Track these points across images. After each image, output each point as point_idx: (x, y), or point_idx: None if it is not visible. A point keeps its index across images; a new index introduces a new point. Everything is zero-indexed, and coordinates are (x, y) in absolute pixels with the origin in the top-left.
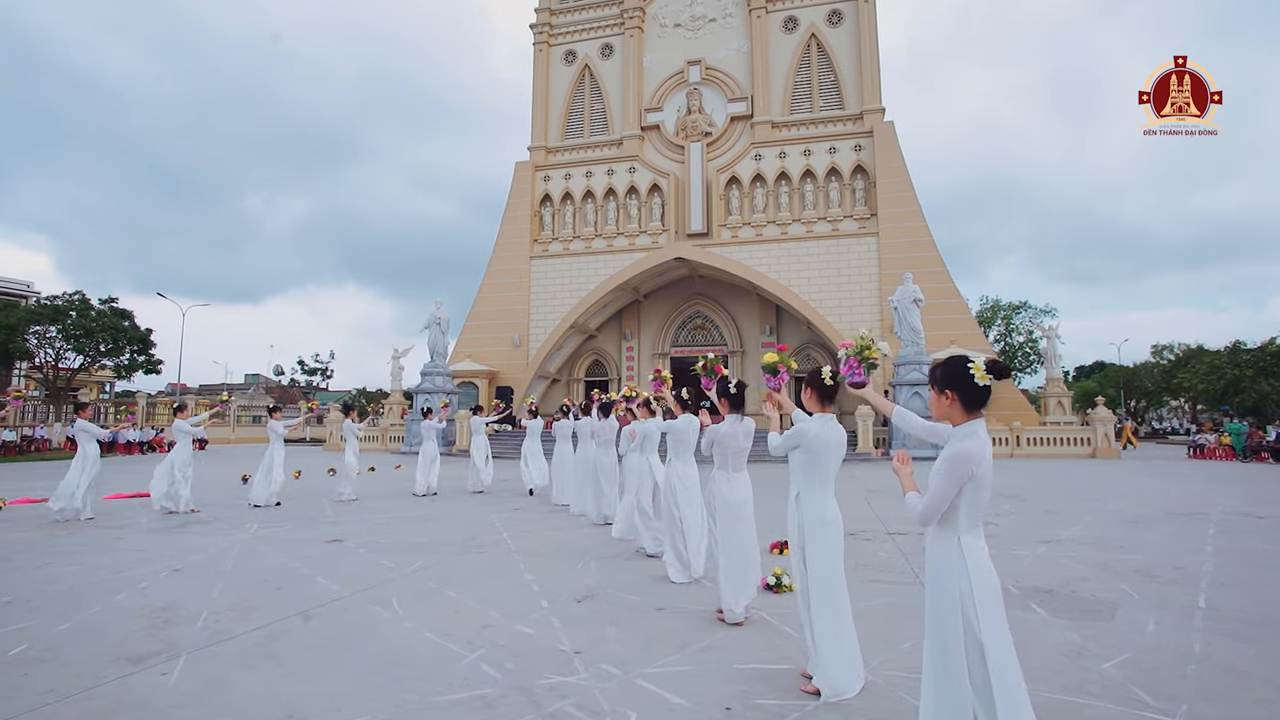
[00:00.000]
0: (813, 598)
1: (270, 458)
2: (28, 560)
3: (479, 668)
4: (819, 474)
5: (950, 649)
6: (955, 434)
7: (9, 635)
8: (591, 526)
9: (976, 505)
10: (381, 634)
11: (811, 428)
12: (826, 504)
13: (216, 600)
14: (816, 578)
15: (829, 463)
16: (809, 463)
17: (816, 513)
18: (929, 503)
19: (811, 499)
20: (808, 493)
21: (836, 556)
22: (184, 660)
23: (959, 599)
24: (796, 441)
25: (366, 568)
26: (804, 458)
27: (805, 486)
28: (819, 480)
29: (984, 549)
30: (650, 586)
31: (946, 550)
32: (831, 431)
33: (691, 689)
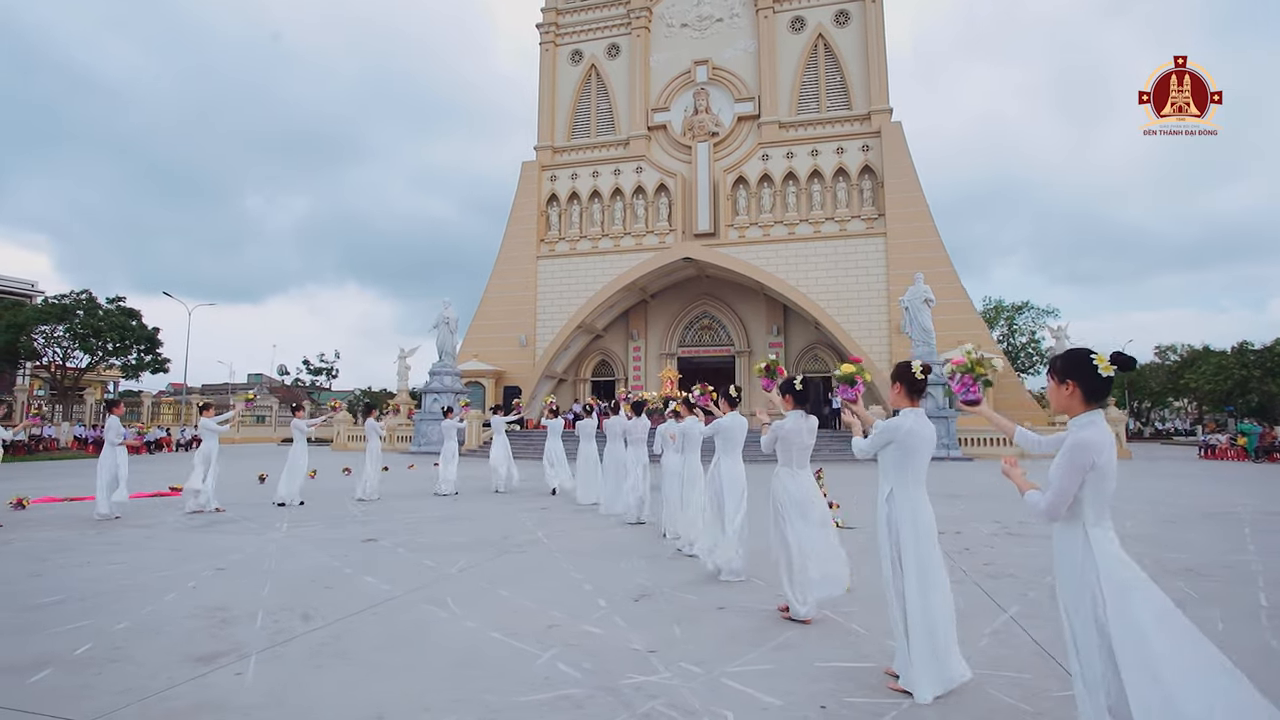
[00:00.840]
0: (910, 598)
1: (294, 456)
2: (67, 559)
3: (556, 667)
4: (912, 470)
5: (1082, 648)
6: (1074, 424)
7: (70, 634)
8: (625, 526)
9: (1101, 496)
10: (446, 634)
11: (905, 423)
12: (921, 501)
13: (269, 600)
14: (914, 578)
15: (922, 458)
16: (902, 459)
17: (911, 511)
18: (1053, 497)
19: (905, 496)
20: (901, 490)
21: (935, 555)
22: (254, 660)
23: (1089, 595)
24: (889, 437)
25: (410, 567)
26: (896, 454)
27: (899, 484)
28: (912, 477)
29: (1113, 541)
30: (703, 585)
31: (1072, 545)
32: (924, 426)
33: (779, 688)
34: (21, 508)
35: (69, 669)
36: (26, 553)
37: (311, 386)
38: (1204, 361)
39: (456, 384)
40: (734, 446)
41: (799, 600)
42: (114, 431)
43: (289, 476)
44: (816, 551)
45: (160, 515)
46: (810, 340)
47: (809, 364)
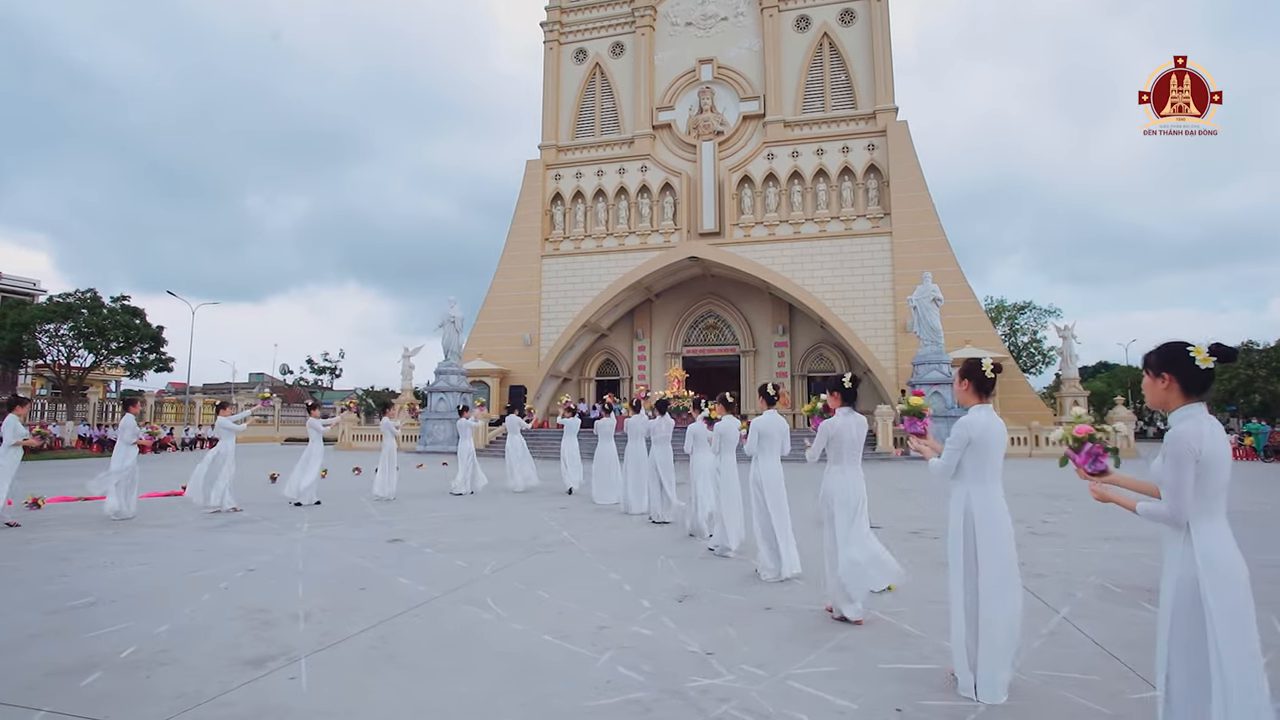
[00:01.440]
0: (985, 598)
1: (309, 454)
2: (90, 560)
3: (616, 670)
4: (990, 468)
5: (1191, 650)
6: (1173, 418)
7: (111, 637)
8: (650, 525)
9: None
10: (495, 636)
11: (978, 419)
12: (996, 498)
13: (306, 601)
14: (991, 577)
15: (997, 454)
16: (977, 457)
17: (987, 508)
18: (1172, 501)
19: (981, 493)
20: (977, 486)
21: (1012, 553)
22: (305, 664)
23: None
24: (967, 436)
25: (441, 568)
26: (970, 453)
27: (975, 482)
28: (989, 473)
29: (1221, 534)
30: (745, 585)
31: (1175, 540)
32: (995, 421)
33: (848, 690)
34: (37, 507)
35: (119, 672)
36: (48, 553)
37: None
38: None
39: (463, 383)
40: (774, 447)
41: (848, 601)
42: (129, 430)
43: (304, 476)
44: (867, 551)
45: (178, 515)
46: (816, 340)
47: (814, 363)
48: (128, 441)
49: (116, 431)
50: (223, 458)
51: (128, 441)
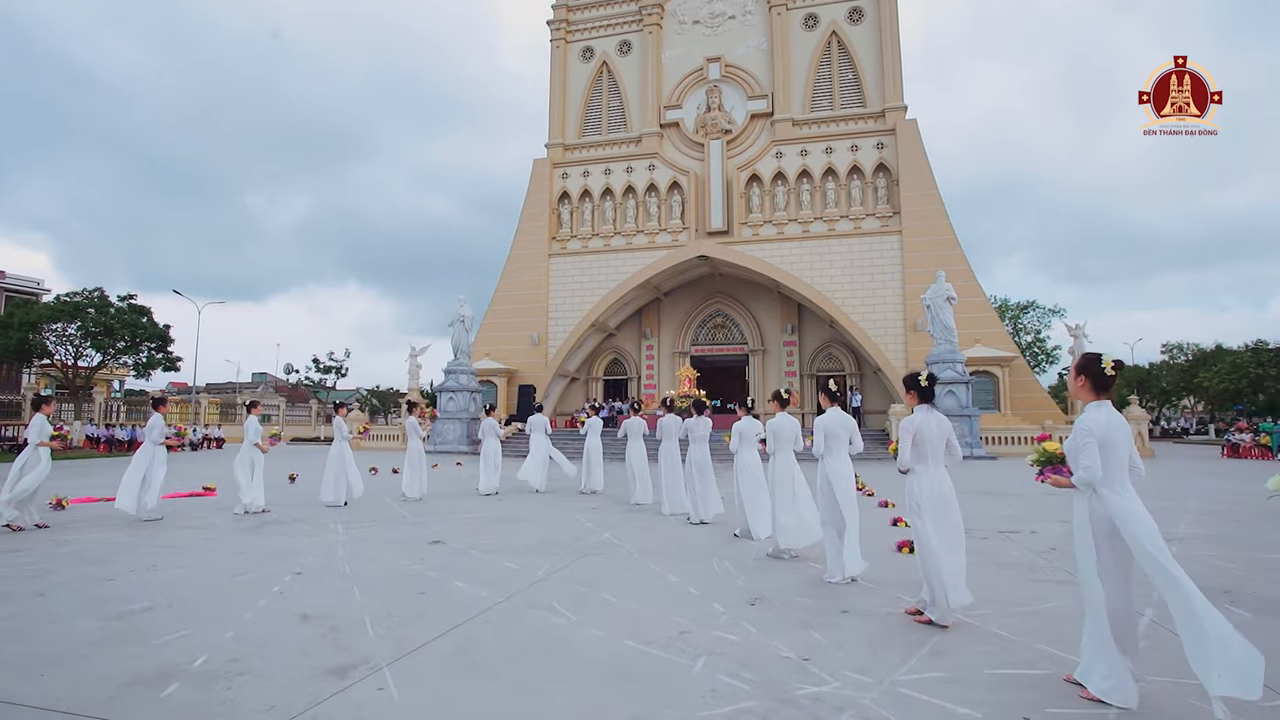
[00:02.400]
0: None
1: (335, 456)
2: (131, 563)
3: (716, 678)
4: (1116, 463)
5: None
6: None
7: (178, 644)
8: (688, 525)
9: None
10: (576, 643)
11: (1099, 416)
12: (1129, 494)
13: (367, 606)
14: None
15: (1123, 449)
16: (1105, 455)
17: (1122, 505)
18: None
19: (1112, 490)
20: (1107, 485)
21: (1162, 544)
22: (388, 673)
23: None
24: (1093, 437)
25: (493, 571)
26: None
27: (1104, 480)
28: (1116, 470)
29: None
30: (812, 588)
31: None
32: (1115, 417)
33: (965, 697)
34: (61, 508)
35: (197, 683)
36: (87, 556)
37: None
38: (1219, 360)
39: (472, 383)
40: (839, 444)
41: (937, 603)
42: (157, 430)
43: (335, 477)
44: (958, 552)
45: (207, 516)
46: (825, 339)
47: (823, 363)
48: (155, 441)
49: (145, 431)
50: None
51: (155, 441)
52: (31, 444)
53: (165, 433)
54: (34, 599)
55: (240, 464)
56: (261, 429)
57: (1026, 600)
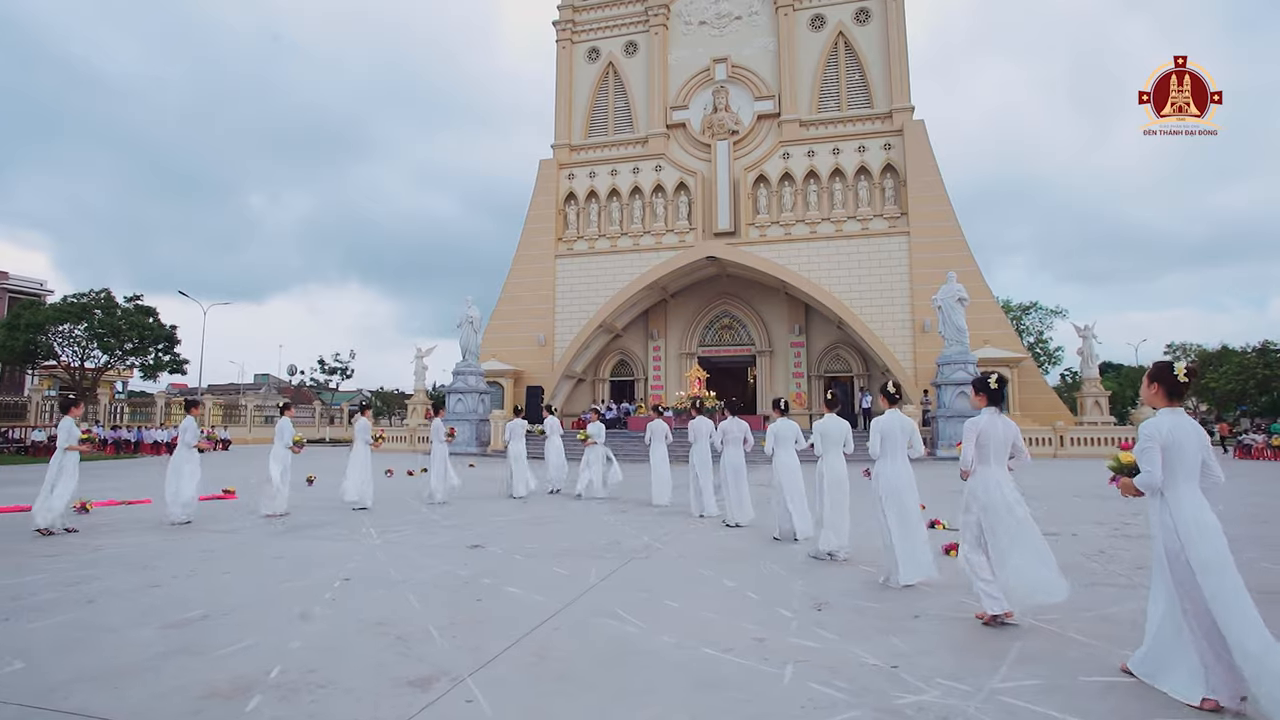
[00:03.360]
0: (1219, 604)
1: (359, 458)
2: (173, 568)
3: (809, 686)
4: (1183, 468)
5: None
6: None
7: (246, 655)
8: (724, 528)
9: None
10: (653, 650)
11: (1163, 423)
12: (1197, 500)
13: (427, 613)
14: (1214, 581)
15: (1190, 455)
16: (1170, 460)
17: (1190, 511)
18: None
19: (1177, 496)
20: (1172, 490)
21: (1227, 553)
22: (472, 684)
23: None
24: (1156, 442)
25: (543, 576)
26: (1162, 456)
27: (1169, 485)
28: (1183, 475)
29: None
30: (871, 592)
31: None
32: (1185, 422)
33: (1071, 705)
34: (85, 511)
35: (280, 696)
36: (127, 561)
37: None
38: (1226, 361)
39: (481, 384)
40: (896, 448)
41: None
42: (191, 433)
43: (359, 479)
44: (1027, 553)
45: (233, 520)
46: (832, 340)
47: (831, 364)
48: (189, 444)
49: (179, 433)
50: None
51: (189, 444)
52: (60, 447)
53: (199, 435)
54: (84, 606)
55: (275, 464)
56: (294, 431)
57: (1096, 605)
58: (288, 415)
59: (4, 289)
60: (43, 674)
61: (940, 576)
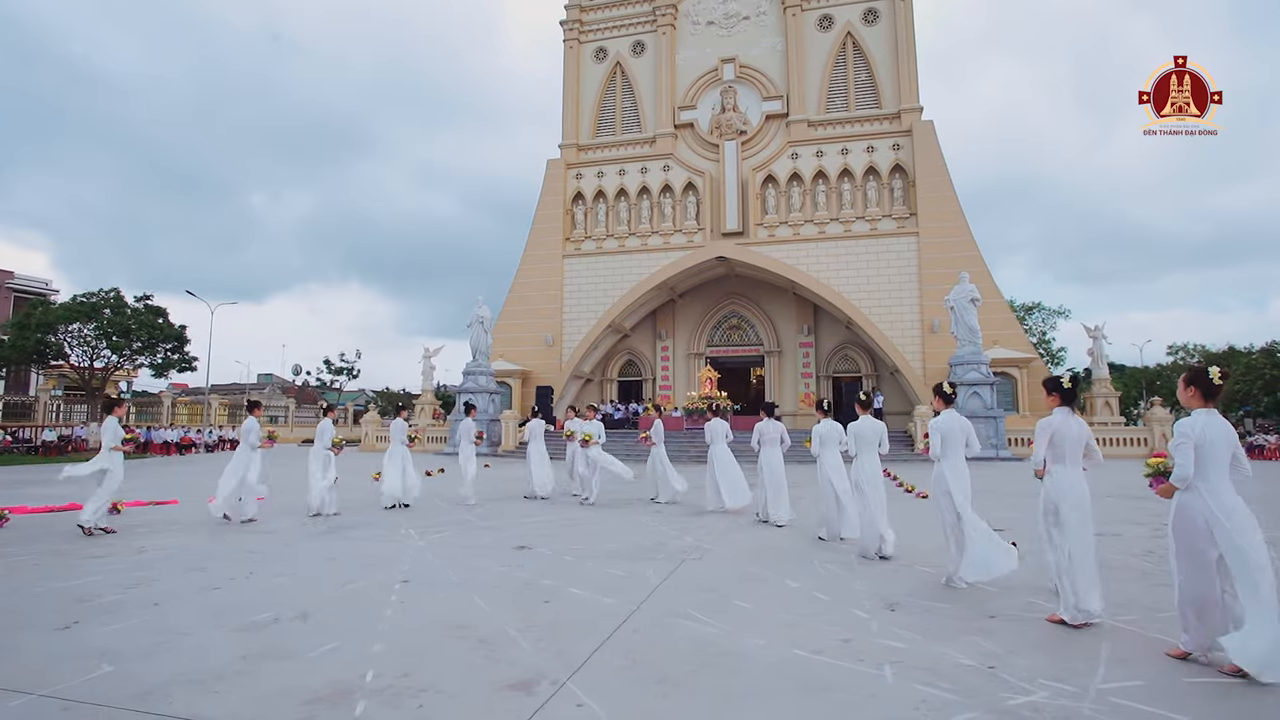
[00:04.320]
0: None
1: (398, 458)
2: (228, 570)
3: (914, 687)
4: (1213, 464)
5: None
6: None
7: (332, 658)
8: (760, 526)
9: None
10: (743, 652)
11: (1197, 421)
12: (1226, 491)
13: (499, 615)
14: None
15: (1222, 450)
16: (1203, 455)
17: (1222, 501)
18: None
19: (1213, 488)
20: (1204, 483)
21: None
22: (574, 686)
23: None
24: (1190, 440)
25: (602, 577)
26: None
27: (1201, 478)
28: (1214, 470)
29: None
30: (939, 591)
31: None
32: (1217, 421)
33: (1188, 707)
34: (117, 512)
35: (384, 702)
36: (176, 562)
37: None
38: (1233, 362)
39: (491, 384)
40: (955, 447)
41: (1090, 602)
42: (254, 434)
43: (397, 480)
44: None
45: (270, 521)
46: (841, 340)
47: (839, 364)
48: (253, 445)
49: (243, 434)
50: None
51: (253, 445)
52: (105, 447)
53: (261, 436)
54: (150, 608)
55: (315, 463)
56: (334, 431)
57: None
58: (329, 416)
59: (9, 288)
60: (134, 677)
61: (1003, 577)
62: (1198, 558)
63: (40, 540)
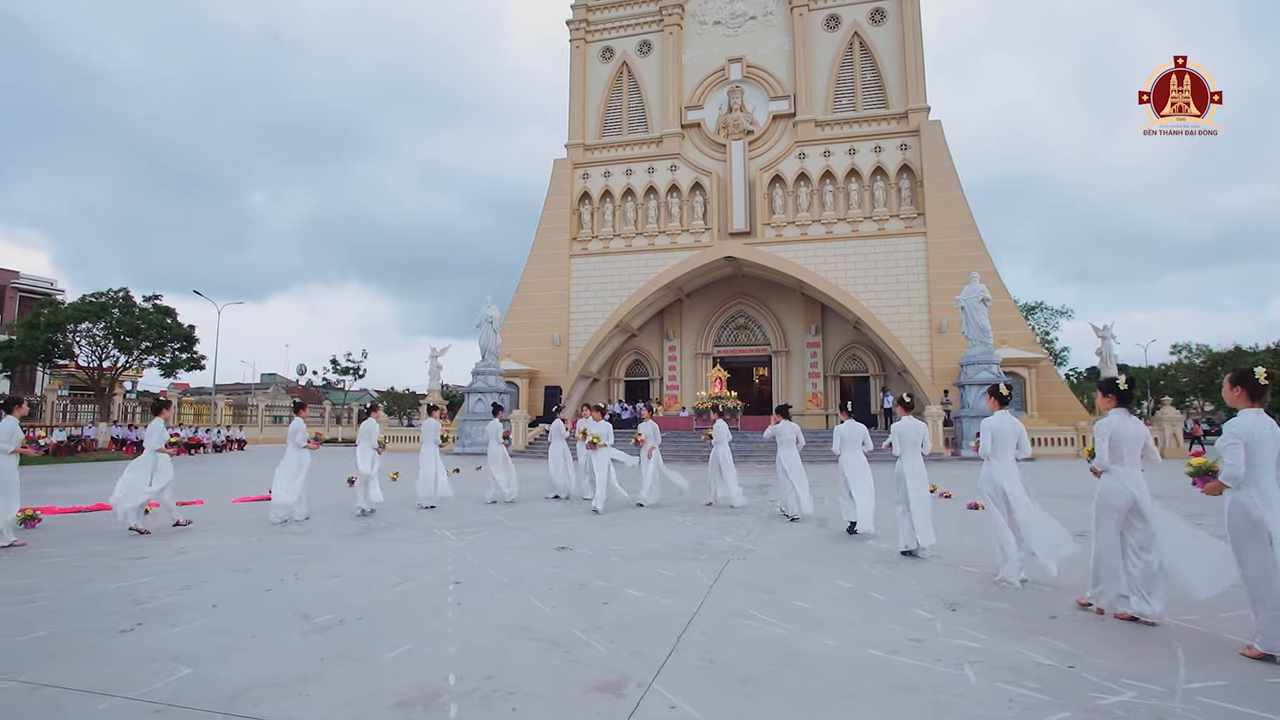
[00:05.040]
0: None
1: (431, 459)
2: (274, 571)
3: (999, 687)
4: (1261, 462)
5: None
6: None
7: (411, 660)
8: (795, 526)
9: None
10: (817, 652)
11: (1246, 421)
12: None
13: (561, 617)
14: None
15: (1269, 450)
16: (1252, 455)
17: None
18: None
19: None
20: (1253, 481)
21: None
22: (662, 689)
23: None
24: (1240, 439)
25: (653, 577)
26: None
27: (1252, 478)
28: (1263, 468)
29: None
30: (995, 591)
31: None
32: (1263, 420)
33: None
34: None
35: (475, 704)
36: (221, 563)
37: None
38: (1242, 362)
39: (500, 383)
40: (1006, 447)
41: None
42: (301, 434)
43: (427, 480)
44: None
45: (303, 522)
46: (848, 340)
47: (847, 364)
48: (300, 445)
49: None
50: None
51: (300, 445)
52: (150, 449)
53: (308, 436)
54: (209, 610)
55: (363, 462)
56: (378, 428)
57: (1228, 605)
58: (374, 416)
59: (15, 288)
60: (216, 680)
61: (1056, 575)
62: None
63: (74, 541)
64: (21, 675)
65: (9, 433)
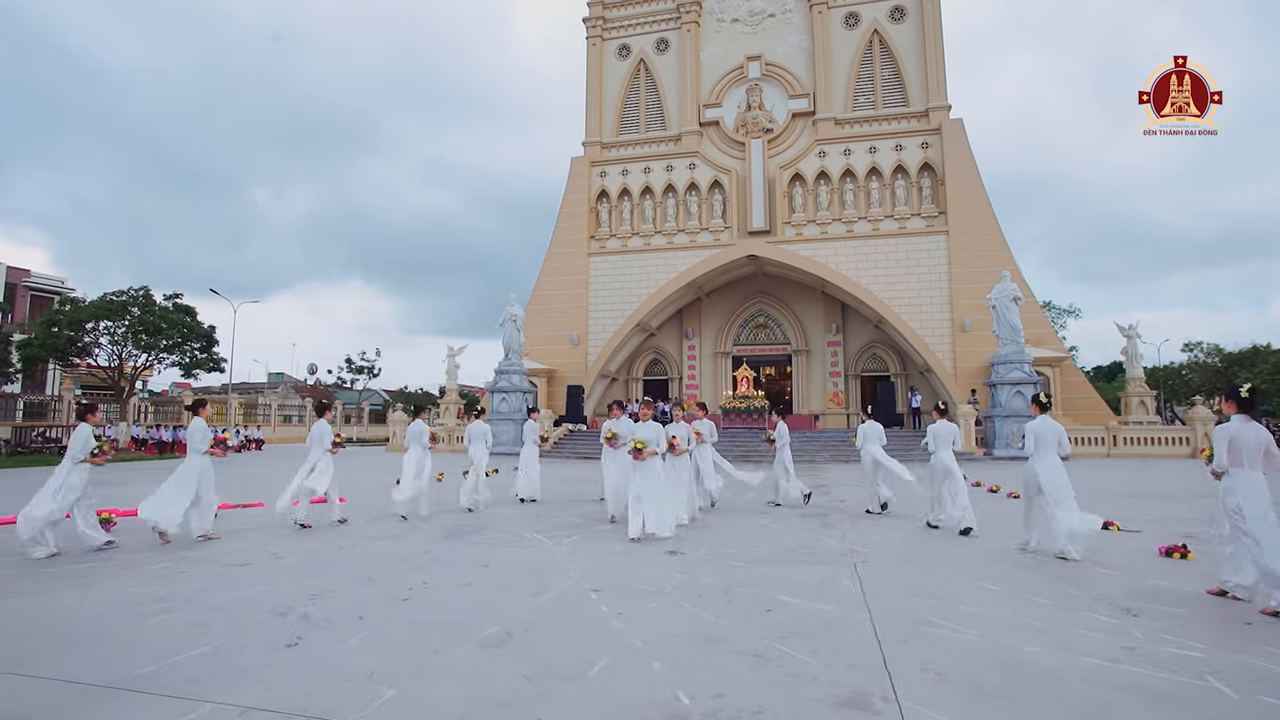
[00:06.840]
0: None
1: (475, 460)
2: (398, 579)
3: (1261, 700)
4: (1246, 459)
5: None
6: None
7: (621, 677)
8: (892, 523)
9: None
10: (1033, 662)
11: (1230, 425)
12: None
13: (732, 626)
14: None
15: (1250, 448)
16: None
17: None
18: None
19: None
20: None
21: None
22: (915, 704)
23: None
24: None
25: (792, 582)
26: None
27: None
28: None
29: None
30: (1155, 593)
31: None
32: (1249, 425)
33: None
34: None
35: None
36: (335, 570)
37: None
38: (1261, 361)
39: (524, 383)
40: (1048, 446)
41: None
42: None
43: (478, 480)
44: None
45: (369, 524)
46: (869, 339)
47: (868, 363)
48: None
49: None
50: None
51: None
52: (194, 451)
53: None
54: (357, 622)
55: (411, 464)
56: (428, 428)
57: None
58: (421, 419)
59: (26, 287)
60: (429, 702)
61: (1188, 584)
62: None
63: (156, 545)
64: (223, 697)
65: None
